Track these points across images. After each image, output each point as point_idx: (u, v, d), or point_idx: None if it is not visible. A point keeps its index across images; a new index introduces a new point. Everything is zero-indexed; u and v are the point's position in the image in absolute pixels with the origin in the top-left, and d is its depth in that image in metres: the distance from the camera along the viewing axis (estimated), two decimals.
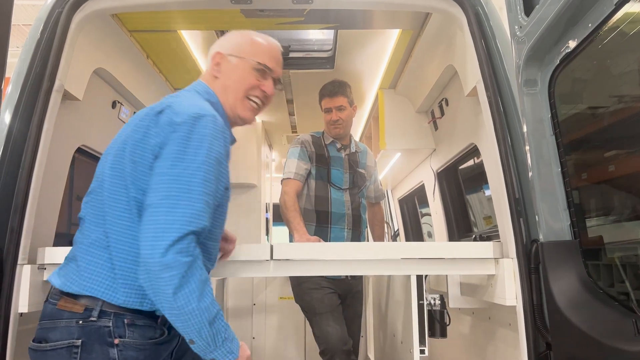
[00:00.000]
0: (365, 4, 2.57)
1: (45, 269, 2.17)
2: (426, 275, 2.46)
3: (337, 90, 3.29)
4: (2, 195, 2.07)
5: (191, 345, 1.49)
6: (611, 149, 1.85)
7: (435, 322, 2.41)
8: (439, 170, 4.06)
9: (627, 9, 1.51)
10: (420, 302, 2.33)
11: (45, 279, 2.17)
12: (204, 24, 3.14)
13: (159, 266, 1.41)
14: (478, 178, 3.73)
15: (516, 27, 2.00)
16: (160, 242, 1.42)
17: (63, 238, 2.81)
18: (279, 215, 3.25)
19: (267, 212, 6.09)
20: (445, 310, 2.47)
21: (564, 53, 1.83)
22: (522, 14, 1.98)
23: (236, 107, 1.80)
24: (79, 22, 2.39)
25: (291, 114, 5.17)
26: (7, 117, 2.19)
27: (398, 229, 6.14)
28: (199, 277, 1.46)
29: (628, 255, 1.75)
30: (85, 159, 3.10)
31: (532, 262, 2.02)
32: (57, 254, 2.17)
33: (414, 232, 5.76)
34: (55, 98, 2.26)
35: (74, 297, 1.54)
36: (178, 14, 2.94)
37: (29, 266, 2.08)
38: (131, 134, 1.60)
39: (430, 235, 5.08)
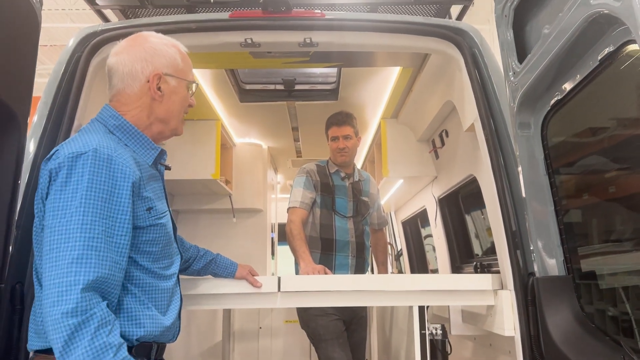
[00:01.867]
0: (367, 46, 2.70)
1: None
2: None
3: (344, 120, 3.44)
4: (23, 236, 2.16)
5: None
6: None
7: (437, 352, 2.50)
8: (440, 197, 4.16)
9: None
10: (423, 331, 2.41)
11: None
12: (214, 64, 3.28)
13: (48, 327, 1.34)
14: (478, 196, 3.81)
15: (510, 72, 2.13)
16: (52, 308, 1.33)
17: None
18: (284, 235, 3.36)
19: (272, 232, 6.21)
20: (446, 340, 2.56)
21: (555, 99, 1.95)
22: (516, 60, 2.10)
23: (177, 128, 1.80)
24: (96, 65, 2.52)
25: (296, 140, 5.30)
26: (32, 147, 2.31)
27: (401, 249, 6.23)
28: (89, 342, 1.32)
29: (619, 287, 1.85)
30: None
31: (529, 294, 2.11)
32: None
33: (417, 252, 5.84)
34: None
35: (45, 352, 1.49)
36: (190, 55, 3.08)
37: None
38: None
39: (434, 249, 5.17)
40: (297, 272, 3.22)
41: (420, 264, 5.70)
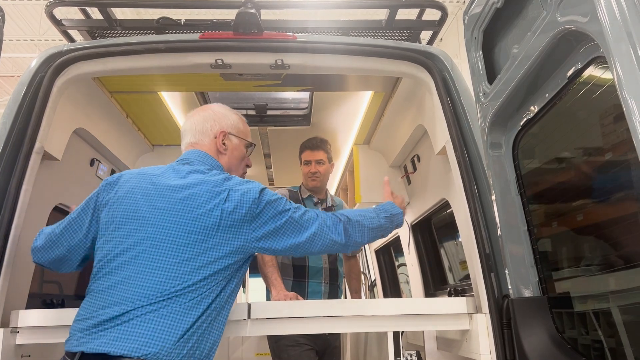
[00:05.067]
0: (338, 70, 2.70)
1: (18, 332, 2.12)
2: (403, 331, 2.49)
3: (318, 144, 3.44)
4: None
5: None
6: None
7: None
8: (413, 224, 4.14)
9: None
10: (397, 358, 2.34)
11: (18, 342, 2.12)
12: (184, 87, 3.23)
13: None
14: (452, 225, 3.80)
15: (480, 93, 2.13)
16: (337, 236, 1.96)
17: (37, 299, 2.76)
18: (256, 267, 3.27)
19: None
20: None
21: (525, 119, 1.96)
22: (486, 81, 2.11)
23: None
24: (61, 86, 2.44)
25: (268, 167, 5.25)
26: None
27: (375, 280, 6.15)
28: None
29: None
30: (61, 217, 3.08)
31: (504, 317, 2.08)
32: (31, 317, 2.13)
33: (391, 282, 5.77)
34: (34, 160, 2.28)
35: None
36: (159, 77, 3.02)
37: (2, 330, 2.04)
38: (198, 218, 1.81)
39: (408, 282, 5.11)
40: (268, 300, 3.12)
41: (394, 293, 5.62)
